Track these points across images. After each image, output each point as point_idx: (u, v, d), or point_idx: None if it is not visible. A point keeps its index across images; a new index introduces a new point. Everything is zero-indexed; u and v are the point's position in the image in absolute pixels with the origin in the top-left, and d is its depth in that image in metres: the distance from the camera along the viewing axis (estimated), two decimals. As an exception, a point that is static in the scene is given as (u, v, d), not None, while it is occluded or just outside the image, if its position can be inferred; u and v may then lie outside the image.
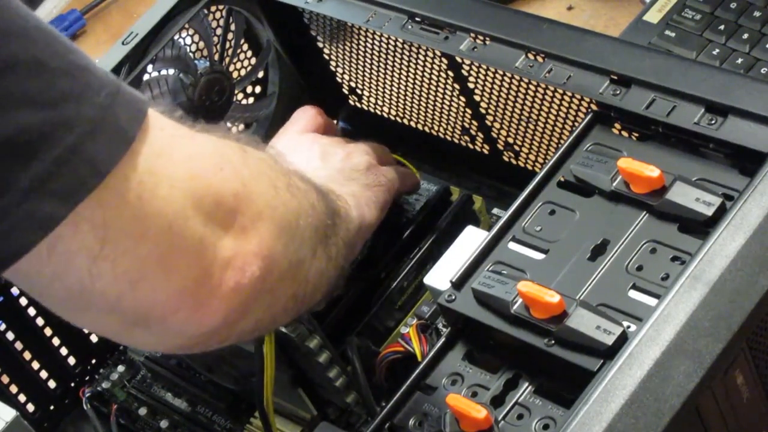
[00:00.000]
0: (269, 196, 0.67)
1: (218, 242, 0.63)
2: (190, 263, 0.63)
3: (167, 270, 0.62)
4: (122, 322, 0.64)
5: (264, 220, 0.66)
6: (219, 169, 0.65)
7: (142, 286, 0.62)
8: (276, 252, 0.66)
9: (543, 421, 0.72)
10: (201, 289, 0.63)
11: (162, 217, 0.61)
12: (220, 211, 0.64)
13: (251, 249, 0.65)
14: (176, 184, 0.62)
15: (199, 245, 0.63)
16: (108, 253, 0.60)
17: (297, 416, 0.91)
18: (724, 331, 0.66)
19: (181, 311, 0.63)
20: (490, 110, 0.97)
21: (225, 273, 0.63)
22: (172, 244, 0.62)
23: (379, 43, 0.99)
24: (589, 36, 0.83)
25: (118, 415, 1.02)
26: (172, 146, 0.63)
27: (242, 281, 0.64)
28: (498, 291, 0.74)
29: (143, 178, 0.60)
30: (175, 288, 0.63)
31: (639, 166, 0.75)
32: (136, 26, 0.97)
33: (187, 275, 0.63)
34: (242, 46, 1.04)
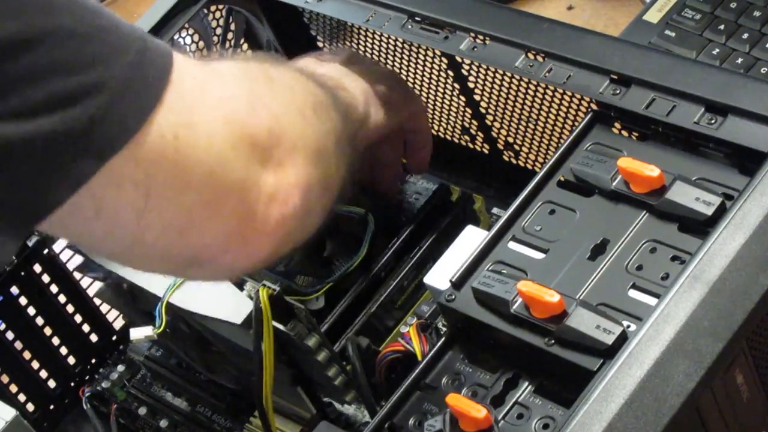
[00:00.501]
0: (300, 125, 0.69)
1: (259, 180, 0.65)
2: (234, 205, 0.65)
3: (213, 215, 0.64)
4: (176, 265, 0.68)
5: (298, 150, 0.68)
6: (252, 110, 0.67)
7: (190, 233, 0.64)
8: (312, 178, 0.69)
9: (543, 420, 0.72)
10: (247, 227, 0.66)
11: (202, 165, 0.63)
12: (257, 150, 0.66)
13: (291, 181, 0.67)
14: (212, 132, 0.64)
15: (242, 186, 0.65)
16: (153, 206, 0.62)
17: (296, 415, 0.91)
18: (724, 331, 0.66)
19: (231, 251, 0.66)
20: (490, 110, 0.97)
21: (269, 208, 0.66)
22: (216, 190, 0.64)
23: (379, 43, 0.99)
24: (589, 36, 0.83)
25: (118, 415, 1.02)
26: (203, 94, 0.65)
27: (286, 213, 0.67)
28: (498, 290, 0.74)
29: (178, 131, 0.62)
30: (222, 230, 0.65)
31: (639, 165, 0.75)
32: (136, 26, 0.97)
33: (233, 217, 0.65)
34: (242, 46, 1.04)
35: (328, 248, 0.91)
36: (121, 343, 1.07)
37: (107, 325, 1.08)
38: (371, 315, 0.89)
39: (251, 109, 0.67)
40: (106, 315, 1.08)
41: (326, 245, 0.91)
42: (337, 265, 0.90)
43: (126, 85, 0.60)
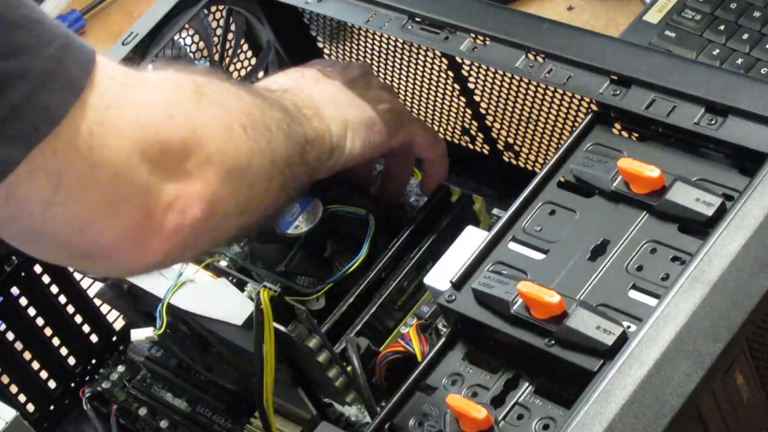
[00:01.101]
0: (221, 140, 0.70)
1: (161, 187, 0.67)
2: (133, 208, 0.66)
3: (113, 215, 0.66)
4: (70, 256, 0.69)
5: (211, 164, 0.69)
6: (168, 118, 0.68)
7: (89, 229, 0.66)
8: (221, 194, 0.70)
9: (543, 421, 0.72)
10: (142, 231, 0.67)
11: (110, 166, 0.64)
12: (166, 158, 0.67)
13: (193, 192, 0.68)
14: (125, 134, 0.65)
15: (144, 191, 0.66)
16: (60, 199, 0.64)
17: (297, 416, 0.91)
18: (724, 331, 0.66)
19: (123, 251, 0.67)
20: (490, 110, 0.97)
21: (165, 216, 0.67)
22: (119, 191, 0.65)
23: (379, 44, 0.99)
24: (589, 36, 0.83)
25: (118, 415, 1.02)
26: (122, 96, 0.66)
27: (182, 222, 0.68)
28: (498, 291, 0.74)
29: (93, 128, 0.63)
30: (118, 231, 0.66)
31: (639, 166, 0.75)
32: (136, 26, 0.97)
33: (131, 219, 0.66)
34: (242, 46, 1.04)
35: (329, 249, 0.91)
36: (122, 344, 1.07)
37: (107, 326, 1.08)
38: (371, 316, 0.89)
39: (168, 117, 0.67)
40: (106, 315, 1.08)
41: (327, 246, 0.91)
42: (337, 266, 0.90)
43: (49, 76, 0.61)
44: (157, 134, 0.66)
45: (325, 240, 0.91)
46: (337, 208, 0.92)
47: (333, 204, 0.92)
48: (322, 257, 0.91)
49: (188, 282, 0.89)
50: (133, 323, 0.98)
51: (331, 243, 0.91)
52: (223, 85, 0.74)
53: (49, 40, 0.62)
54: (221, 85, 0.74)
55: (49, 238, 0.66)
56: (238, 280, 0.88)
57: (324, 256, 0.91)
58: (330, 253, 0.91)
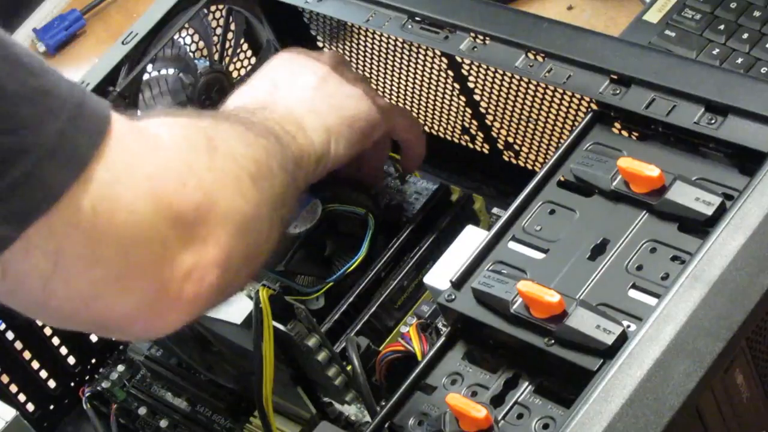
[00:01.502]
0: (232, 197, 0.68)
1: (177, 258, 0.64)
2: (146, 282, 0.63)
3: (122, 290, 0.63)
4: (82, 327, 0.68)
5: (225, 224, 0.66)
6: (182, 185, 0.65)
7: (97, 304, 0.63)
8: (235, 253, 0.67)
9: (543, 420, 0.72)
10: (158, 302, 0.64)
11: (117, 241, 0.61)
12: (180, 227, 0.64)
13: (209, 259, 0.65)
14: (134, 209, 0.62)
15: (157, 264, 0.63)
16: (61, 276, 0.61)
17: (296, 415, 0.91)
18: (724, 331, 0.66)
19: (139, 322, 0.65)
20: (490, 110, 0.97)
21: (183, 286, 0.64)
22: (128, 266, 0.62)
23: (379, 43, 0.99)
24: (589, 36, 0.83)
25: (117, 415, 1.02)
26: (133, 168, 0.63)
27: (200, 291, 0.65)
28: (498, 290, 0.74)
29: (97, 204, 0.60)
30: (130, 305, 0.64)
31: (639, 165, 0.75)
32: (136, 26, 0.97)
33: (144, 292, 0.63)
34: (242, 46, 1.04)
35: (329, 248, 0.91)
36: (122, 343, 1.06)
37: (107, 325, 1.08)
38: (371, 315, 0.89)
39: (181, 185, 0.65)
40: (106, 315, 1.07)
41: (326, 245, 0.91)
42: (337, 265, 0.90)
43: (52, 152, 0.58)
44: (171, 205, 0.63)
45: (325, 239, 0.91)
46: (336, 207, 0.92)
47: (332, 203, 0.92)
48: (321, 256, 0.91)
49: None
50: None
51: (331, 242, 0.91)
52: (231, 131, 0.71)
53: (57, 112, 0.59)
54: (229, 132, 0.71)
55: (53, 311, 0.64)
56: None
57: (323, 255, 0.91)
58: (329, 252, 0.91)
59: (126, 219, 0.61)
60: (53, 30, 1.43)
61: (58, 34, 1.43)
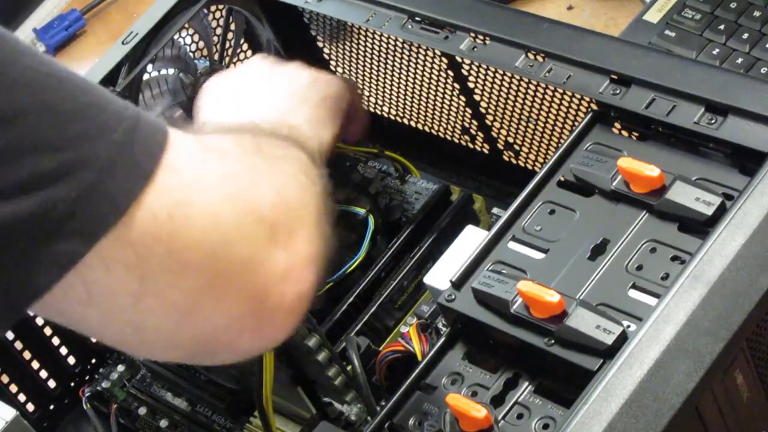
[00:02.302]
0: (300, 194, 0.67)
1: (269, 258, 0.63)
2: (243, 286, 0.62)
3: (220, 297, 0.61)
4: (186, 351, 0.65)
5: (303, 221, 0.65)
6: (253, 185, 0.64)
7: (195, 317, 0.61)
8: (320, 246, 0.66)
9: (543, 420, 0.72)
10: (262, 308, 0.63)
11: (202, 246, 0.60)
12: (263, 226, 0.63)
13: (303, 256, 0.64)
14: (213, 211, 0.61)
15: (249, 266, 0.62)
16: (150, 290, 0.59)
17: (296, 415, 0.91)
18: (724, 331, 0.66)
19: (245, 333, 0.63)
20: (490, 110, 0.97)
21: (285, 287, 0.63)
22: (219, 271, 0.61)
23: (379, 43, 0.99)
24: (589, 36, 0.83)
25: (117, 415, 1.02)
26: (202, 173, 0.62)
27: (303, 290, 0.64)
28: (498, 290, 0.74)
29: (173, 210, 0.59)
30: (233, 312, 0.62)
31: (639, 165, 0.75)
32: (136, 26, 0.97)
33: (243, 298, 0.62)
34: (242, 46, 1.04)
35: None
36: (121, 343, 1.07)
37: (107, 325, 1.07)
38: (371, 315, 0.90)
39: (253, 185, 0.64)
40: (106, 315, 1.07)
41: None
42: (337, 265, 0.90)
43: (112, 164, 0.58)
44: (248, 204, 0.63)
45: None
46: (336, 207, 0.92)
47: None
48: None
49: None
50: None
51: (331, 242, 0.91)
52: (269, 138, 0.71)
53: (114, 126, 0.58)
54: (269, 139, 0.71)
55: (153, 334, 0.61)
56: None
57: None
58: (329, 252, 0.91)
59: (205, 223, 0.61)
60: (53, 30, 1.43)
61: (58, 34, 1.43)
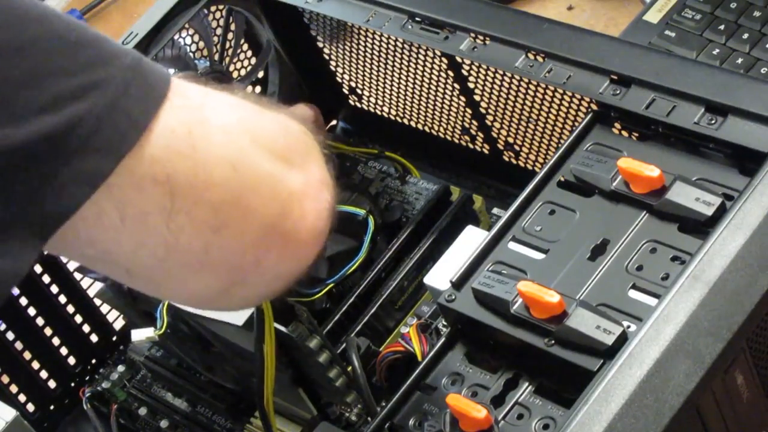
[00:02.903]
0: (302, 134, 0.68)
1: (287, 176, 0.64)
2: (266, 201, 0.63)
3: (246, 210, 0.62)
4: (217, 280, 0.65)
5: (310, 152, 0.67)
6: (261, 114, 0.66)
7: (226, 232, 0.62)
8: (329, 178, 0.68)
9: (543, 421, 0.72)
10: (286, 223, 0.64)
11: (224, 160, 0.62)
12: (278, 147, 0.65)
13: (318, 178, 0.66)
14: (228, 129, 0.63)
15: (270, 181, 0.63)
16: (181, 206, 0.60)
17: (297, 416, 0.91)
18: (724, 331, 0.66)
19: (273, 250, 0.64)
20: (490, 110, 0.97)
21: (304, 204, 0.64)
22: (243, 184, 0.62)
23: (379, 43, 0.99)
24: (589, 36, 0.83)
25: (118, 415, 1.02)
26: (210, 98, 0.64)
27: (321, 208, 0.65)
28: (498, 291, 0.74)
29: (191, 128, 0.61)
30: (259, 227, 0.63)
31: (639, 165, 0.75)
32: (136, 26, 0.97)
33: (268, 212, 0.63)
34: (242, 46, 1.04)
35: (329, 249, 0.91)
36: (122, 344, 1.07)
37: (107, 326, 1.08)
38: (372, 316, 0.90)
39: (259, 114, 0.66)
40: (106, 315, 1.08)
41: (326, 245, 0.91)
42: (337, 266, 0.90)
43: (127, 85, 0.59)
44: (259, 126, 0.65)
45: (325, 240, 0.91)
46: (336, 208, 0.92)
47: (333, 204, 0.92)
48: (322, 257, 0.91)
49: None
50: (133, 323, 0.98)
51: (331, 243, 0.91)
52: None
53: (122, 55, 0.60)
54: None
55: (185, 254, 0.62)
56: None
57: (324, 256, 0.91)
58: (330, 253, 0.91)
59: (224, 139, 0.62)
60: (53, 30, 1.43)
61: (58, 35, 1.43)
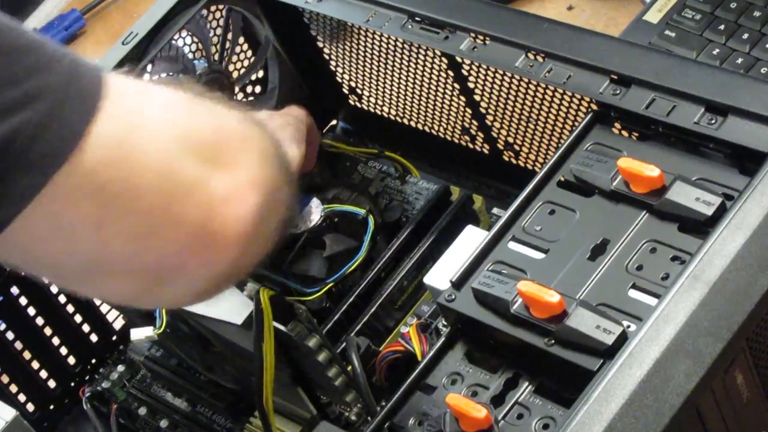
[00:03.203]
0: (241, 128, 0.68)
1: (212, 179, 0.64)
2: (191, 208, 0.63)
3: (172, 219, 0.63)
4: (141, 282, 0.65)
5: (245, 150, 0.66)
6: (194, 113, 0.66)
7: (152, 240, 0.63)
8: (266, 177, 0.67)
9: (543, 420, 0.72)
10: (208, 230, 0.64)
11: (150, 169, 0.62)
12: (206, 148, 0.64)
13: (245, 178, 0.65)
14: (157, 136, 0.63)
15: (196, 186, 0.63)
16: (110, 216, 0.61)
17: (297, 415, 0.91)
18: (724, 331, 0.66)
19: (196, 256, 0.64)
20: (490, 110, 0.97)
21: (227, 208, 0.64)
22: (169, 193, 0.63)
23: (379, 43, 0.99)
24: (589, 36, 0.83)
25: (117, 415, 1.02)
26: (143, 100, 0.64)
27: (244, 212, 0.65)
28: (498, 290, 0.74)
29: (121, 137, 0.61)
30: (184, 235, 0.63)
31: (639, 165, 0.75)
32: (136, 26, 0.97)
33: (192, 220, 0.63)
34: (242, 46, 1.04)
35: (329, 248, 0.91)
36: (121, 344, 1.07)
37: (107, 325, 1.08)
38: (371, 315, 0.89)
39: (193, 113, 0.66)
40: (106, 315, 1.08)
41: (326, 245, 0.91)
42: (337, 266, 0.90)
43: (66, 90, 0.59)
44: (190, 127, 0.65)
45: (325, 239, 0.91)
46: (336, 207, 0.92)
47: (332, 203, 0.92)
48: (321, 257, 0.91)
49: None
50: (132, 323, 0.98)
51: (331, 242, 0.91)
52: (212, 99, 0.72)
53: (59, 58, 0.60)
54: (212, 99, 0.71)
55: (111, 263, 0.63)
56: (238, 279, 0.88)
57: (324, 256, 0.91)
58: (330, 252, 0.91)
59: (152, 147, 0.62)
60: (53, 30, 1.43)
61: (58, 34, 1.43)
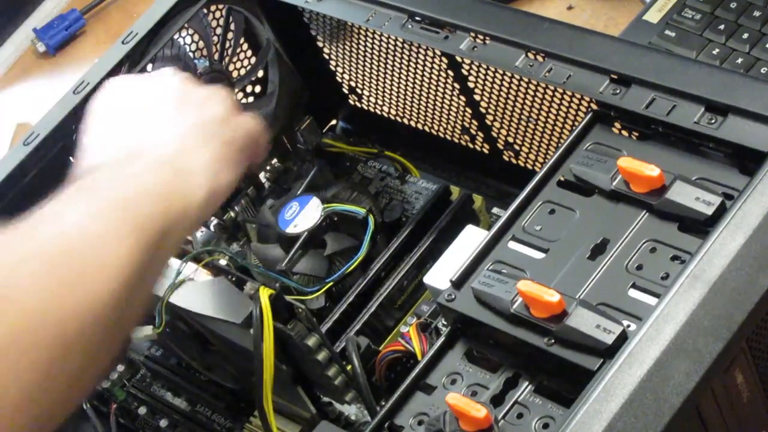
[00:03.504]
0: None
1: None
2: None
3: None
4: None
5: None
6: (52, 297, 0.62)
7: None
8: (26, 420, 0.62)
9: (543, 420, 0.72)
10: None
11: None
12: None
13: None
14: (7, 342, 0.60)
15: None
16: None
17: (296, 415, 0.91)
18: (724, 331, 0.66)
19: None
20: (489, 109, 0.97)
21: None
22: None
23: (379, 43, 0.99)
24: (589, 36, 0.83)
25: (117, 415, 1.02)
26: (9, 282, 0.62)
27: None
28: (498, 290, 0.74)
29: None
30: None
31: (639, 165, 0.75)
32: (136, 26, 0.97)
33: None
34: (242, 46, 1.04)
35: (329, 248, 0.91)
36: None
37: (107, 325, 1.07)
38: (371, 315, 0.90)
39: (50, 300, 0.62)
40: (105, 315, 1.07)
41: (326, 245, 0.91)
42: (337, 265, 0.90)
43: None
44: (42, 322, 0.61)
45: (325, 239, 0.91)
46: (336, 207, 0.92)
47: (332, 203, 0.92)
48: (321, 256, 0.91)
49: (187, 280, 0.88)
50: (132, 322, 0.98)
51: (331, 242, 0.91)
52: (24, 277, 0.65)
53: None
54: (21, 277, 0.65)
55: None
56: (238, 278, 0.88)
57: (324, 255, 0.91)
58: (329, 252, 0.91)
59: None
60: (53, 30, 1.43)
61: (58, 34, 1.43)
